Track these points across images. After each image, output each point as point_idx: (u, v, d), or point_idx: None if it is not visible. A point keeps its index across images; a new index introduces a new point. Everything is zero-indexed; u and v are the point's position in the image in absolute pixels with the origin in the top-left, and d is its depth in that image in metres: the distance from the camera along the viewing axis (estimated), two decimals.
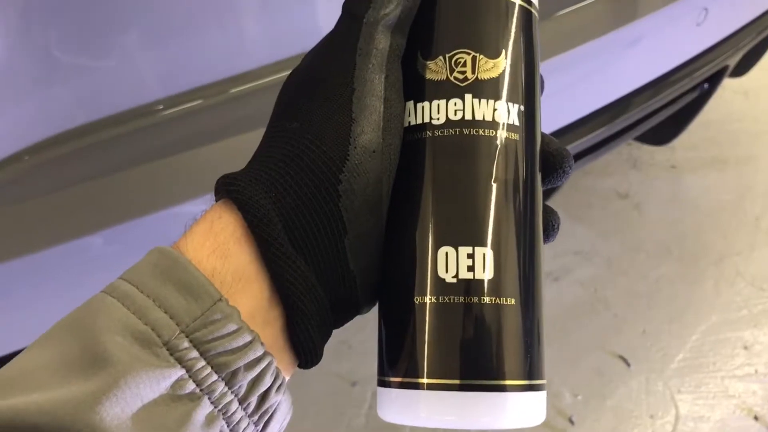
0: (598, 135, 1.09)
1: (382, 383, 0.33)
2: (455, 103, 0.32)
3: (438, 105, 0.32)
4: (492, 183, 0.32)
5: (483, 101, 0.32)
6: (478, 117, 0.32)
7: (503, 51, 0.33)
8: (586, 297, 1.52)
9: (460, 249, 0.31)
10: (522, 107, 0.33)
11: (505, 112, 0.32)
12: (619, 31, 0.94)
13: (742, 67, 1.43)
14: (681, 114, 1.33)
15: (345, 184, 0.31)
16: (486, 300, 0.30)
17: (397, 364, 0.32)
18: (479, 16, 0.33)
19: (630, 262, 1.60)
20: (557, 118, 1.01)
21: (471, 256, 0.31)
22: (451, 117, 0.32)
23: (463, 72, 0.32)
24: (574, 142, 1.05)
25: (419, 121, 0.33)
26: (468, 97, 0.32)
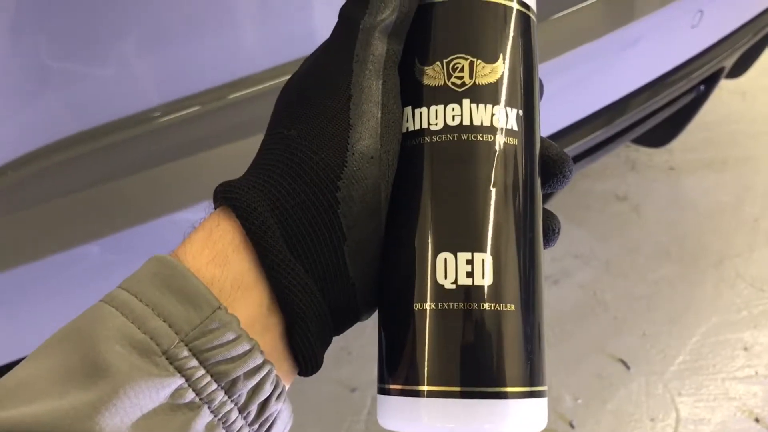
0: (595, 138, 1.09)
1: (382, 390, 0.32)
2: (453, 109, 0.32)
3: (436, 110, 0.32)
4: (491, 188, 0.31)
5: (481, 106, 0.32)
6: (476, 122, 0.31)
7: (501, 55, 0.32)
8: (585, 300, 1.52)
9: (459, 255, 0.31)
10: (521, 112, 0.33)
11: (504, 116, 0.32)
12: (614, 33, 0.94)
13: (739, 69, 1.43)
14: (678, 116, 1.33)
15: (343, 191, 0.31)
16: (485, 306, 0.30)
17: (397, 371, 0.31)
18: (476, 21, 0.32)
19: (629, 265, 1.60)
20: (555, 121, 1.01)
21: (470, 262, 0.30)
22: (450, 122, 0.32)
23: (461, 77, 0.32)
24: (572, 144, 1.05)
25: (417, 126, 0.32)
26: (466, 102, 0.32)
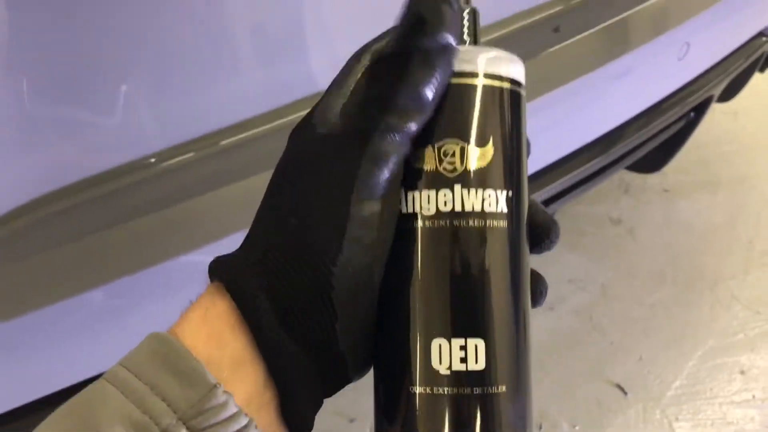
0: (590, 167, 1.11)
1: None
2: (445, 194, 0.32)
3: (428, 195, 0.33)
4: (482, 273, 0.32)
5: (472, 191, 0.32)
6: (467, 208, 0.32)
7: (491, 138, 0.33)
8: (581, 325, 1.53)
9: (453, 341, 0.32)
10: (510, 192, 0.33)
11: (494, 200, 0.33)
12: (604, 67, 0.96)
13: (729, 93, 1.44)
14: (670, 142, 1.35)
15: (337, 276, 0.31)
16: (477, 391, 0.31)
17: None
18: (467, 106, 0.33)
19: (625, 288, 1.61)
20: (551, 152, 1.02)
21: (463, 348, 0.31)
22: (441, 208, 0.32)
23: (452, 162, 0.32)
24: (568, 174, 1.07)
25: (410, 210, 0.33)
26: (457, 187, 0.32)
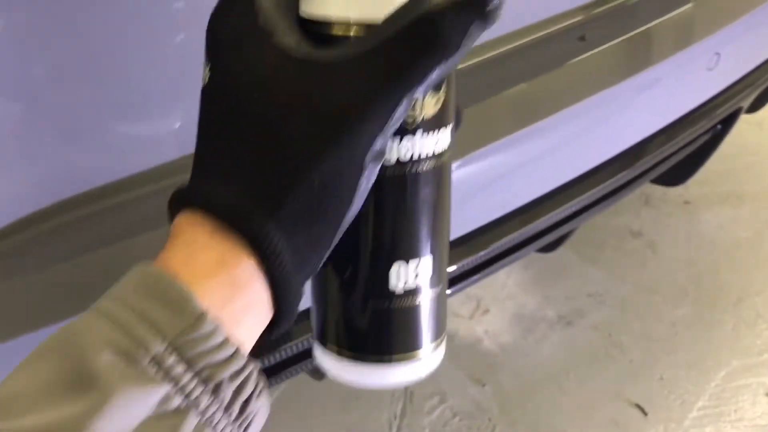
0: (616, 181, 1.07)
1: (323, 344, 0.39)
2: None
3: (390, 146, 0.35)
4: (434, 203, 0.37)
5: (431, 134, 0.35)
6: (423, 154, 0.35)
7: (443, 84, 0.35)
8: (600, 342, 1.48)
9: (410, 262, 0.36)
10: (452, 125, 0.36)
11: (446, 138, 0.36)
12: (632, 79, 0.93)
13: (757, 104, 1.40)
14: (694, 155, 1.31)
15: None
16: (427, 295, 0.37)
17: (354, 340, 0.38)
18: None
19: (645, 305, 1.56)
20: (578, 165, 0.98)
21: (418, 266, 0.36)
22: (401, 158, 0.35)
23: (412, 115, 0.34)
24: (592, 189, 1.03)
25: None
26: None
